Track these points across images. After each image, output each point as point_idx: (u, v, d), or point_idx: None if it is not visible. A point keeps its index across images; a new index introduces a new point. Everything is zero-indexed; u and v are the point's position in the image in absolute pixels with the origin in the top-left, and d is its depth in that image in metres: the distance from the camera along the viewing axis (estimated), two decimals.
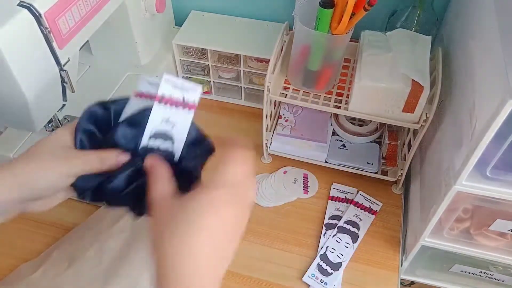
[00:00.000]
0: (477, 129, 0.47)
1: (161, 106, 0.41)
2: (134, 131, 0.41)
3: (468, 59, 0.58)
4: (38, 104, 0.57)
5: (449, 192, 0.53)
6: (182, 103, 0.41)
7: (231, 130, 0.87)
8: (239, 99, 0.92)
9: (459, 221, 0.60)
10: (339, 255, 0.69)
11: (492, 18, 0.50)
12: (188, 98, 0.41)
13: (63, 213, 0.74)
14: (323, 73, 0.68)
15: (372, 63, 0.63)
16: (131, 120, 0.41)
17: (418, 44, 0.65)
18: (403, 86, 0.61)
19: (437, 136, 0.65)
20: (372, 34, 0.68)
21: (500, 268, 0.68)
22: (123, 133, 0.40)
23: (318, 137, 0.79)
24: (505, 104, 0.41)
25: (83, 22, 0.61)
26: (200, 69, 0.89)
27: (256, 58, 0.82)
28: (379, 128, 0.80)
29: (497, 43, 0.46)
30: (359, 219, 0.73)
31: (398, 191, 0.77)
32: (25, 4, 0.51)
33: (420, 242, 0.64)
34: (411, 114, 0.63)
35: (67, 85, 0.61)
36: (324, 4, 0.60)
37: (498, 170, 0.49)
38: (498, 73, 0.44)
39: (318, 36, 0.63)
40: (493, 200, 0.52)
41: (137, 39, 0.80)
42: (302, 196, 0.77)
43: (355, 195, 0.77)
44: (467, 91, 0.55)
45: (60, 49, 0.57)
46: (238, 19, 0.89)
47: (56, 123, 0.71)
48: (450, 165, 0.54)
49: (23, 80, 0.53)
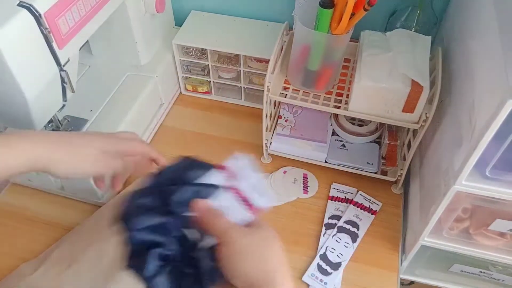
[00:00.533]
0: (477, 129, 0.47)
1: (230, 196, 0.44)
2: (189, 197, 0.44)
3: (468, 59, 0.58)
4: (38, 104, 0.57)
5: (448, 192, 0.53)
6: (249, 204, 0.44)
7: (231, 130, 0.87)
8: (239, 99, 0.92)
9: (459, 221, 0.60)
10: (339, 255, 0.69)
11: (492, 18, 0.50)
12: (258, 204, 0.44)
13: (63, 213, 0.74)
14: (323, 73, 0.68)
15: (372, 63, 0.63)
16: (199, 190, 0.44)
17: (418, 44, 0.65)
18: (403, 86, 0.61)
19: (437, 136, 0.65)
20: (372, 34, 0.68)
21: (499, 268, 0.68)
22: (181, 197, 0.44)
23: (318, 137, 0.79)
24: (505, 104, 0.41)
25: (83, 22, 0.61)
26: (200, 69, 0.89)
27: (256, 58, 0.82)
28: (379, 128, 0.80)
29: (497, 43, 0.46)
30: (358, 219, 0.73)
31: (398, 191, 0.77)
32: (25, 4, 0.51)
33: (419, 242, 0.64)
34: (411, 114, 0.63)
35: (67, 85, 0.61)
36: (324, 4, 0.60)
37: (497, 170, 0.49)
38: (498, 73, 0.44)
39: (318, 36, 0.63)
40: (493, 200, 0.52)
41: (137, 39, 0.80)
42: (302, 196, 0.77)
43: (355, 195, 0.77)
44: (467, 91, 0.55)
45: (60, 49, 0.57)
46: (238, 19, 0.89)
47: (56, 123, 0.71)
48: (450, 165, 0.54)
49: (23, 80, 0.53)
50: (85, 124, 0.73)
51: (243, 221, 0.44)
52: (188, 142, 0.85)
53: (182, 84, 0.93)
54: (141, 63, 0.84)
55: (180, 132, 0.87)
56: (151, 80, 0.82)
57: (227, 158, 0.47)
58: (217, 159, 0.45)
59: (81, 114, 0.74)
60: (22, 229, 0.72)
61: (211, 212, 0.44)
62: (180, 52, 0.87)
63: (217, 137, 0.85)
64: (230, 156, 0.47)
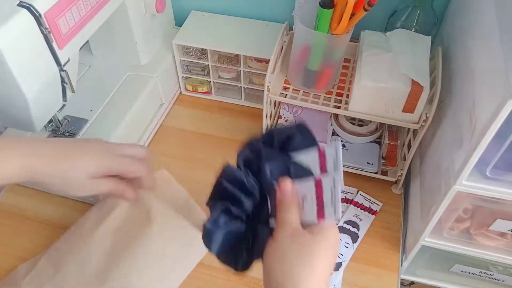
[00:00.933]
0: (477, 129, 0.47)
1: (329, 182, 0.41)
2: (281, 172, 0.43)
3: (468, 59, 0.58)
4: (38, 104, 0.57)
5: (449, 192, 0.53)
6: (321, 205, 0.41)
7: (231, 130, 0.87)
8: (239, 99, 0.92)
9: (459, 221, 0.60)
10: (339, 255, 0.69)
11: (492, 18, 0.50)
12: (327, 210, 0.41)
13: (63, 213, 0.74)
14: (323, 73, 0.68)
15: (372, 63, 0.63)
16: (296, 168, 0.43)
17: (418, 44, 0.65)
18: (403, 86, 0.61)
19: (437, 136, 0.65)
20: (372, 34, 0.68)
21: (500, 268, 0.68)
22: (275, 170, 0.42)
23: (318, 137, 0.78)
24: (505, 104, 0.41)
25: (83, 22, 0.61)
26: (200, 69, 0.89)
27: (256, 58, 0.82)
28: (379, 128, 0.80)
29: (497, 43, 0.46)
30: (359, 219, 0.73)
31: (398, 191, 0.77)
32: (25, 4, 0.51)
33: (420, 242, 0.64)
34: (411, 114, 0.63)
35: (67, 85, 0.61)
36: (324, 4, 0.60)
37: (498, 170, 0.49)
38: (498, 73, 0.44)
39: (318, 36, 0.63)
40: (493, 200, 0.52)
41: (137, 39, 0.80)
42: None
43: (355, 195, 0.77)
44: (467, 91, 0.55)
45: (60, 49, 0.57)
46: (238, 19, 0.89)
47: (56, 123, 0.71)
48: (450, 165, 0.54)
49: (23, 80, 0.53)
50: (85, 124, 0.73)
51: (307, 222, 0.41)
52: (188, 142, 0.85)
53: (182, 84, 0.93)
54: (141, 63, 0.84)
55: (180, 132, 0.87)
56: (151, 80, 0.82)
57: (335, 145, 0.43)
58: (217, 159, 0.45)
59: (81, 114, 0.74)
60: (22, 229, 0.72)
61: (289, 198, 0.42)
62: (180, 52, 0.87)
63: (217, 137, 0.85)
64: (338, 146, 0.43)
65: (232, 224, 0.42)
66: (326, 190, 0.40)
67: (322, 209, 0.40)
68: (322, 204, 0.40)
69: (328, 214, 0.40)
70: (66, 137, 0.71)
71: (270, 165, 0.42)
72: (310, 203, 0.41)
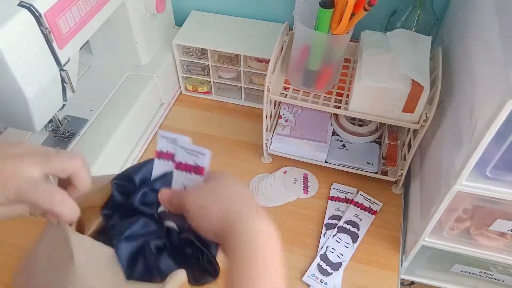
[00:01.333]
0: (477, 129, 0.47)
1: (179, 172, 0.43)
2: (154, 197, 0.43)
3: (468, 59, 0.58)
4: (38, 104, 0.57)
5: (449, 192, 0.53)
6: (194, 168, 0.43)
7: (231, 130, 0.87)
8: (239, 99, 0.92)
9: (459, 221, 0.60)
10: (339, 255, 0.69)
11: (492, 18, 0.50)
12: (199, 163, 0.43)
13: None
14: (323, 73, 0.68)
15: (372, 63, 0.63)
16: (152, 186, 0.44)
17: (418, 44, 0.65)
18: (403, 86, 0.61)
19: (437, 136, 0.65)
20: (372, 34, 0.68)
21: (500, 268, 0.68)
22: (143, 199, 0.43)
23: (318, 137, 0.79)
24: (505, 104, 0.41)
25: (83, 22, 0.61)
26: (200, 69, 0.89)
27: (256, 58, 0.82)
28: (379, 128, 0.80)
29: (497, 43, 0.46)
30: (359, 219, 0.73)
31: (398, 191, 0.77)
32: (25, 4, 0.51)
33: (420, 242, 0.64)
34: (411, 114, 0.63)
35: (67, 85, 0.61)
36: (324, 4, 0.60)
37: (498, 170, 0.49)
38: (498, 73, 0.44)
39: (318, 36, 0.63)
40: (493, 200, 0.52)
41: (137, 39, 0.80)
42: (302, 196, 0.77)
43: (355, 195, 0.77)
44: (467, 91, 0.55)
45: (60, 49, 0.57)
46: (238, 19, 0.89)
47: (56, 123, 0.71)
48: (450, 165, 0.54)
49: (23, 80, 0.53)
50: (85, 124, 0.73)
51: (199, 185, 0.43)
52: None
53: (182, 84, 0.93)
54: (141, 63, 0.84)
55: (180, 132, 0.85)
56: (151, 80, 0.82)
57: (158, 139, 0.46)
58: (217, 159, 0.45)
59: (81, 114, 0.74)
60: (21, 229, 0.72)
61: (174, 195, 0.42)
62: (180, 52, 0.87)
63: (217, 137, 0.85)
64: (159, 138, 0.46)
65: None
66: (186, 160, 0.43)
67: (198, 167, 0.43)
68: (193, 167, 0.43)
69: (202, 165, 0.42)
70: (66, 137, 0.71)
71: (140, 201, 0.43)
72: (190, 179, 0.43)
